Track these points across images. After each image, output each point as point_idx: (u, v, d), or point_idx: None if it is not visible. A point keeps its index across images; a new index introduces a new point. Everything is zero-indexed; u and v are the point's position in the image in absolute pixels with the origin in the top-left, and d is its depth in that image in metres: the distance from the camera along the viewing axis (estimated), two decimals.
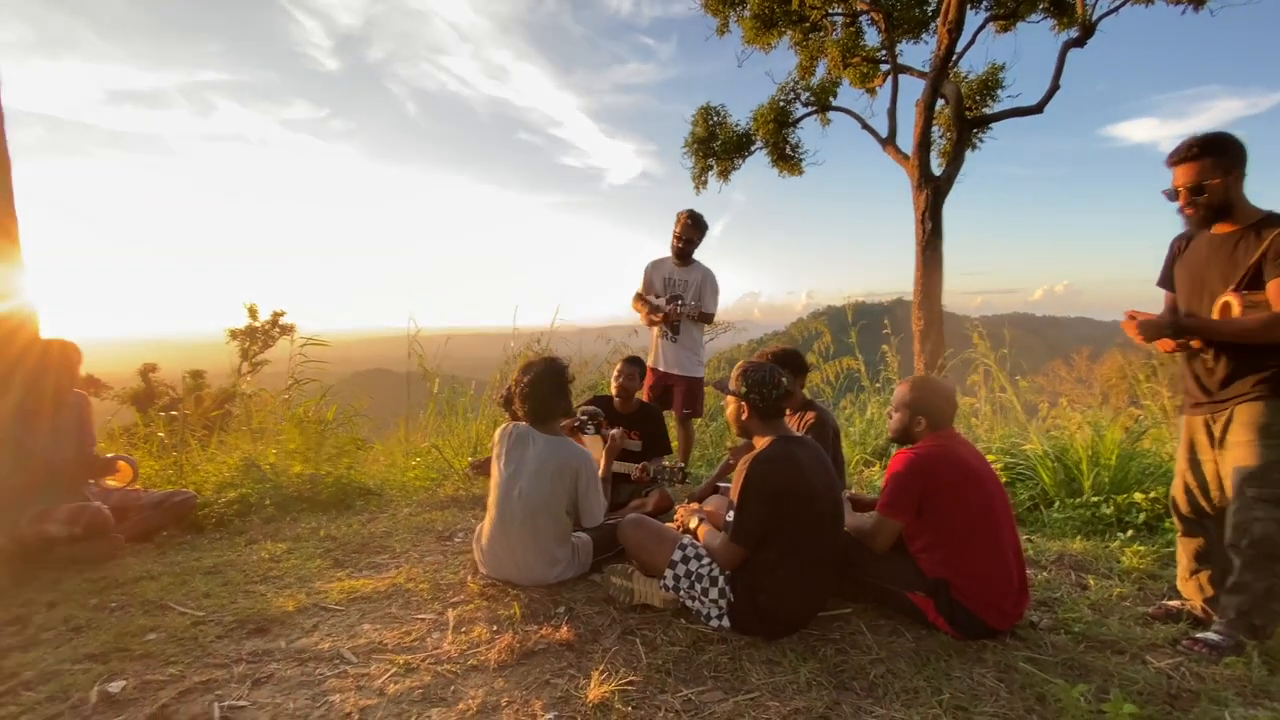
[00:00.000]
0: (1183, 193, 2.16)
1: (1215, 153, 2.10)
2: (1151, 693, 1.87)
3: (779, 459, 2.16)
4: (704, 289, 4.21)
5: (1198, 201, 2.14)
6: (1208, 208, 2.13)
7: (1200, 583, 2.33)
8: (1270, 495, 2.02)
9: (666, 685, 1.88)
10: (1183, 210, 2.20)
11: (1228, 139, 2.12)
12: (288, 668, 1.97)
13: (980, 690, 1.87)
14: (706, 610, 2.23)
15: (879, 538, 2.33)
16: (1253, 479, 2.05)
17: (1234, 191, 2.11)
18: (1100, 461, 4.02)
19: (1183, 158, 2.14)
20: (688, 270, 4.26)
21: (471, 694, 1.82)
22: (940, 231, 10.67)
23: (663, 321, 4.21)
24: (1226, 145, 2.11)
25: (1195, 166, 2.13)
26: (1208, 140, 2.12)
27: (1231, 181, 2.10)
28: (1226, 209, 2.13)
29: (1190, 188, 2.14)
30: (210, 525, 3.52)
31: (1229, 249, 2.13)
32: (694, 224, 4.19)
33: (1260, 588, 2.06)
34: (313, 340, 5.40)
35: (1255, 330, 2.03)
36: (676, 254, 4.26)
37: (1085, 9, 10.19)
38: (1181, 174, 2.16)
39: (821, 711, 1.75)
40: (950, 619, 2.18)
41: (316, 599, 2.47)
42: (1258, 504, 2.04)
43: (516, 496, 2.55)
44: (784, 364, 2.64)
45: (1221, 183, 2.10)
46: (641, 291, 4.38)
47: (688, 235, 4.19)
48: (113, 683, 1.88)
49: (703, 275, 4.24)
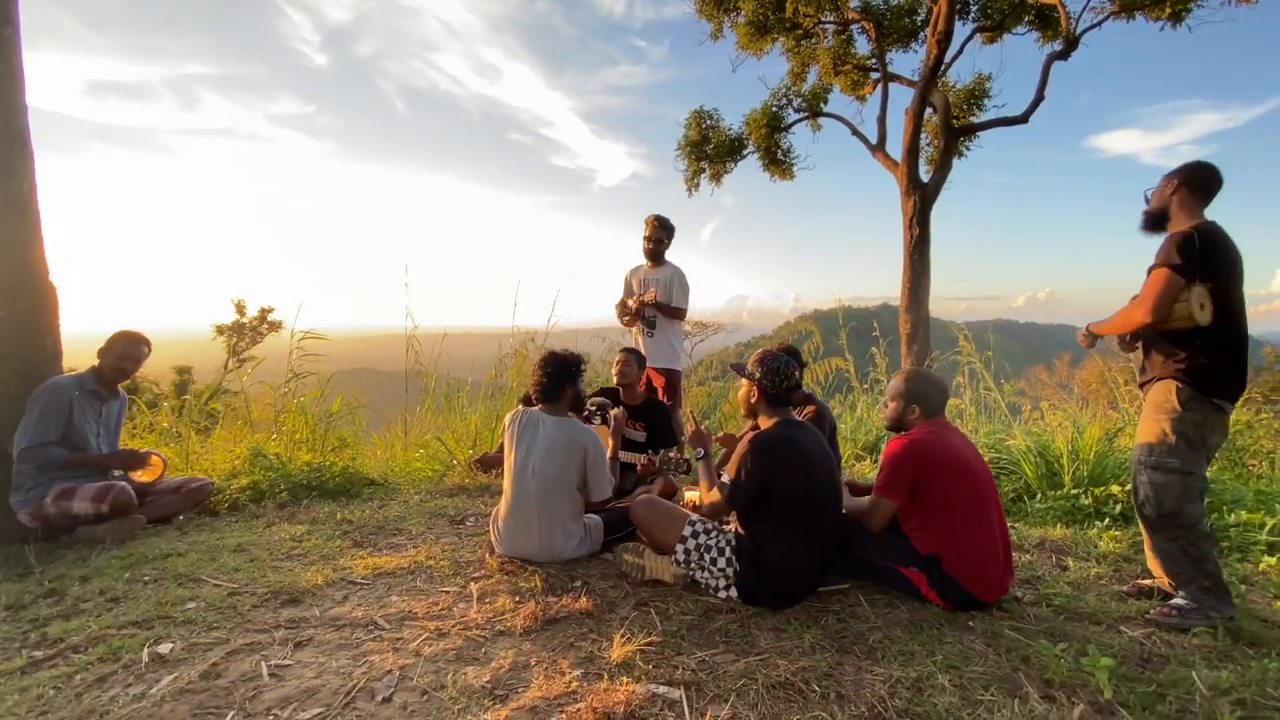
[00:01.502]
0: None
1: (1179, 171, 2.42)
2: (1125, 655, 2.05)
3: (781, 438, 2.35)
4: (673, 285, 4.49)
5: (1145, 205, 2.51)
6: (1147, 215, 2.49)
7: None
8: (1153, 461, 2.33)
9: (682, 648, 2.03)
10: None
11: (1198, 166, 2.42)
12: (325, 633, 2.10)
13: (970, 653, 2.03)
14: (715, 581, 2.39)
15: (875, 517, 2.50)
16: (1142, 447, 2.37)
17: (1172, 205, 2.41)
18: (1080, 457, 4.24)
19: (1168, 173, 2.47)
20: (659, 270, 4.56)
21: (502, 655, 1.95)
22: (928, 237, 10.94)
23: (635, 316, 4.50)
24: (1191, 167, 2.41)
25: (1163, 179, 2.46)
26: (1187, 163, 2.44)
27: (1171, 195, 2.41)
28: (1162, 218, 2.44)
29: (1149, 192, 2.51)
30: (225, 510, 3.61)
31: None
32: (661, 226, 4.50)
33: (1173, 549, 2.32)
34: (311, 334, 5.49)
35: (1117, 322, 2.44)
36: (648, 256, 4.57)
37: (1069, 23, 10.51)
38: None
39: (826, 670, 1.91)
40: (941, 592, 2.35)
41: (343, 574, 2.59)
42: (1143, 469, 2.36)
43: (530, 475, 2.69)
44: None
45: (1160, 193, 2.44)
46: (623, 297, 4.67)
47: (656, 236, 4.49)
48: (161, 645, 2.00)
49: (672, 273, 4.53)
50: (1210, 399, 2.29)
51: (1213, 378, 2.29)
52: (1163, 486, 2.30)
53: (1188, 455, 2.30)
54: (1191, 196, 2.39)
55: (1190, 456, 2.30)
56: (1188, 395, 2.29)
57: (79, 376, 3.14)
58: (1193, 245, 2.25)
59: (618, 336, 7.85)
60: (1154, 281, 2.28)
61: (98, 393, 3.17)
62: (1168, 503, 2.30)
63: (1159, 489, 2.31)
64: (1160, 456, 2.31)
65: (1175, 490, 2.29)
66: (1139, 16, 10.35)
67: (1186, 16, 10.03)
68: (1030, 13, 11.25)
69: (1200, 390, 2.29)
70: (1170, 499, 2.29)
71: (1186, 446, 2.30)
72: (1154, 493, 2.32)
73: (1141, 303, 2.29)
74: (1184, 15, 10.00)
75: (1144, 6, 10.09)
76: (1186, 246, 2.25)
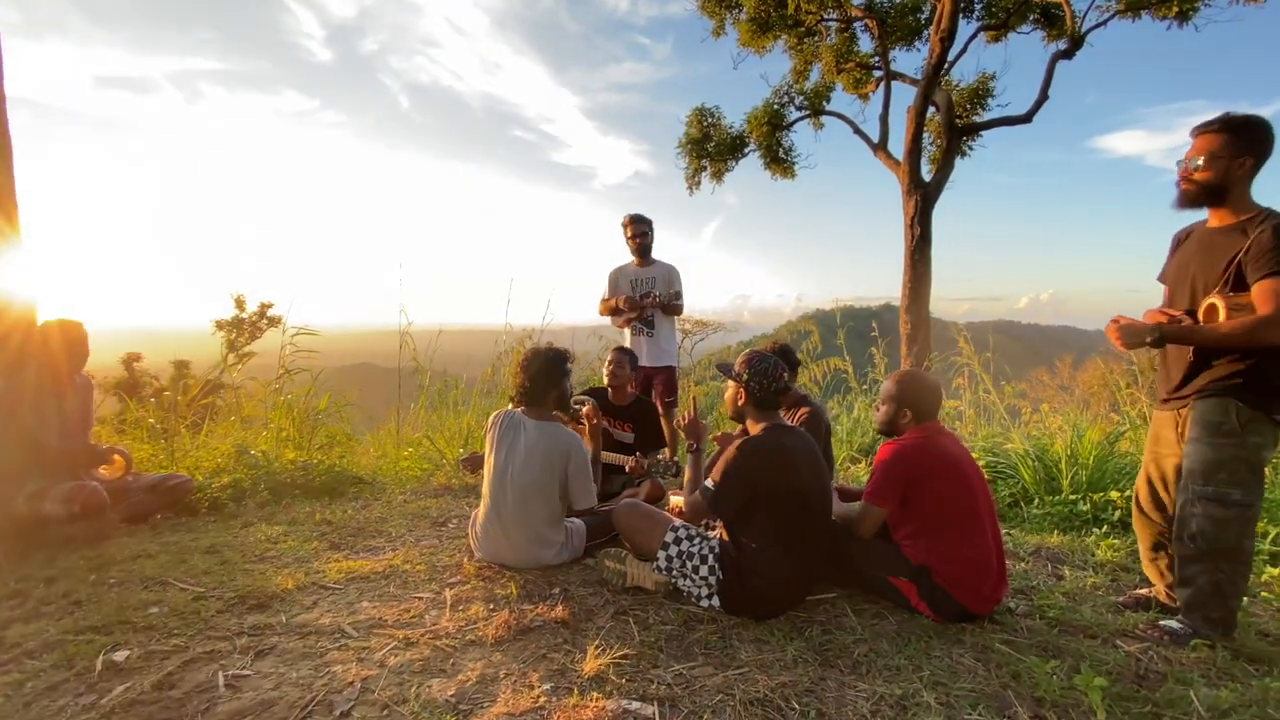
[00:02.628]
0: (1185, 164, 2.11)
1: (1234, 131, 2.02)
2: (1120, 672, 1.96)
3: (768, 445, 2.26)
4: (672, 281, 4.44)
5: (1194, 176, 2.08)
6: (1200, 186, 2.08)
7: (1160, 568, 2.41)
8: (1211, 493, 2.06)
9: (659, 660, 1.95)
10: (1178, 181, 2.14)
11: (1258, 124, 2.02)
12: (289, 640, 2.02)
13: (959, 668, 1.95)
14: (697, 590, 2.31)
15: (864, 524, 2.42)
16: (1196, 475, 2.09)
17: (1233, 177, 2.03)
18: (1079, 461, 4.15)
19: (1204, 129, 2.07)
20: (652, 268, 4.49)
21: (470, 666, 1.88)
22: (929, 237, 10.84)
23: (638, 317, 4.41)
24: (1250, 129, 2.01)
25: (1210, 139, 2.05)
26: (1236, 119, 2.03)
27: (1235, 167, 2.02)
28: (1219, 194, 2.07)
29: (1193, 161, 2.08)
30: (204, 508, 3.54)
31: (1215, 244, 2.09)
32: (641, 221, 4.45)
33: (1204, 582, 2.11)
34: (304, 330, 5.42)
35: (1238, 337, 1.99)
36: (637, 253, 4.49)
37: (1074, 21, 10.39)
38: (1196, 144, 2.10)
39: (807, 686, 1.83)
40: (931, 603, 2.26)
41: (315, 578, 2.52)
42: (1198, 500, 2.08)
43: (509, 480, 2.61)
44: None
45: (1225, 164, 2.02)
46: (607, 296, 4.57)
47: (640, 230, 4.43)
48: (117, 653, 1.92)
49: (668, 270, 4.47)
50: (1271, 416, 2.02)
51: (1273, 392, 2.01)
52: (1223, 522, 2.05)
53: (1252, 485, 2.04)
54: (1257, 169, 2.02)
55: (1254, 486, 2.05)
56: (1248, 415, 2.02)
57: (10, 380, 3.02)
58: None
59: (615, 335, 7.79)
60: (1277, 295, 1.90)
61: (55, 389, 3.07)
62: (1227, 539, 2.06)
63: (1219, 524, 2.05)
64: (1221, 487, 2.04)
65: (1236, 525, 2.05)
66: (1145, 16, 10.25)
67: (1194, 15, 9.92)
68: (1035, 11, 11.14)
69: (1262, 409, 2.01)
70: (1231, 535, 2.06)
71: (1250, 475, 2.04)
72: (1213, 528, 2.06)
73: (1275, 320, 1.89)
74: (1191, 14, 9.88)
75: (1150, 5, 9.98)
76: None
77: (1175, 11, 9.82)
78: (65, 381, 3.17)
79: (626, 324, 4.54)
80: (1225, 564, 2.09)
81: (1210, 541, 2.08)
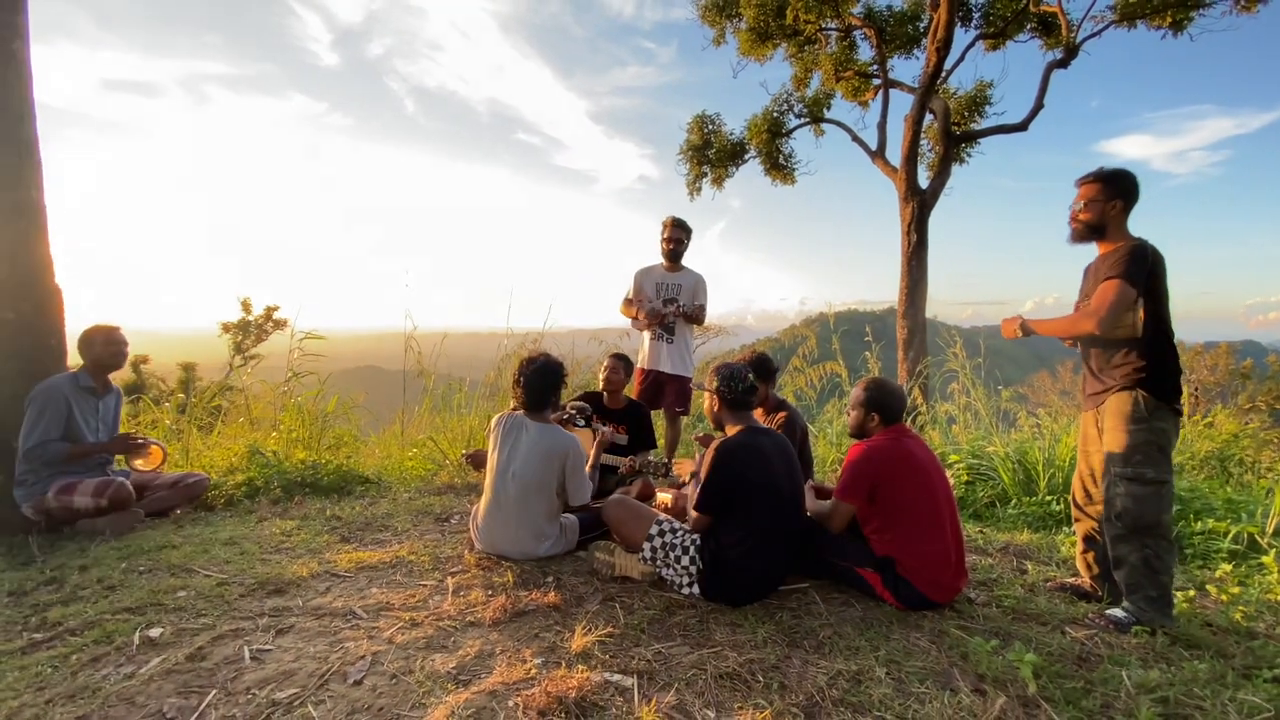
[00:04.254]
0: (1072, 208, 2.55)
1: (1105, 181, 2.48)
2: (1062, 654, 2.15)
3: (742, 444, 2.46)
4: (698, 291, 4.45)
5: (1079, 217, 2.52)
6: (1084, 225, 2.51)
7: (1088, 561, 2.68)
8: (1131, 474, 2.37)
9: (640, 640, 2.14)
10: (1069, 223, 2.57)
11: (1124, 175, 2.48)
12: (306, 621, 2.23)
13: (914, 649, 2.14)
14: (679, 579, 2.50)
15: (835, 519, 2.61)
16: (1115, 459, 2.42)
17: (1108, 216, 2.47)
18: (1055, 464, 4.33)
19: (1084, 180, 2.53)
20: (680, 274, 4.49)
21: (469, 644, 2.08)
22: (925, 243, 11.01)
23: (660, 323, 4.41)
24: (1118, 178, 2.47)
25: (1088, 189, 2.51)
26: (1106, 172, 2.50)
27: (1109, 209, 2.46)
28: (1099, 230, 2.49)
29: (1077, 205, 2.53)
30: (220, 505, 3.76)
31: (1098, 268, 2.50)
32: (680, 227, 4.47)
33: (1136, 559, 2.37)
34: (311, 334, 5.63)
35: (1066, 325, 2.51)
36: (668, 257, 4.48)
37: (1070, 31, 10.56)
38: (1080, 192, 2.54)
39: (773, 662, 2.02)
40: (895, 592, 2.46)
41: (327, 567, 2.72)
42: (1120, 481, 2.39)
43: (511, 477, 2.81)
44: (756, 367, 2.96)
45: (1101, 206, 2.47)
46: (631, 297, 4.55)
47: (676, 236, 4.44)
48: (151, 630, 2.13)
49: (695, 279, 4.48)
50: (1170, 405, 2.38)
51: (1168, 385, 2.39)
52: (1142, 498, 2.34)
53: (1162, 464, 2.36)
54: (1127, 210, 2.49)
55: (1164, 464, 2.36)
56: (1152, 404, 2.37)
57: (73, 375, 3.26)
58: (1145, 258, 2.35)
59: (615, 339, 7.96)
60: (1108, 292, 2.35)
61: (92, 389, 3.29)
62: (1148, 514, 2.34)
63: (1139, 501, 2.34)
64: (1136, 468, 2.35)
65: (1153, 501, 2.34)
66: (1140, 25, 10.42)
67: (1188, 25, 10.08)
68: (1033, 20, 11.32)
69: (1161, 398, 2.37)
70: (1150, 510, 2.34)
71: (1160, 455, 2.36)
72: (1134, 505, 2.35)
73: (1095, 312, 2.37)
74: (1185, 24, 10.05)
75: (1145, 15, 10.14)
76: (1140, 259, 2.35)
77: (1169, 21, 9.99)
78: (110, 382, 3.40)
79: (645, 327, 4.50)
80: (1150, 539, 2.35)
81: (1134, 517, 2.36)
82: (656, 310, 4.37)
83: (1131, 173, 2.48)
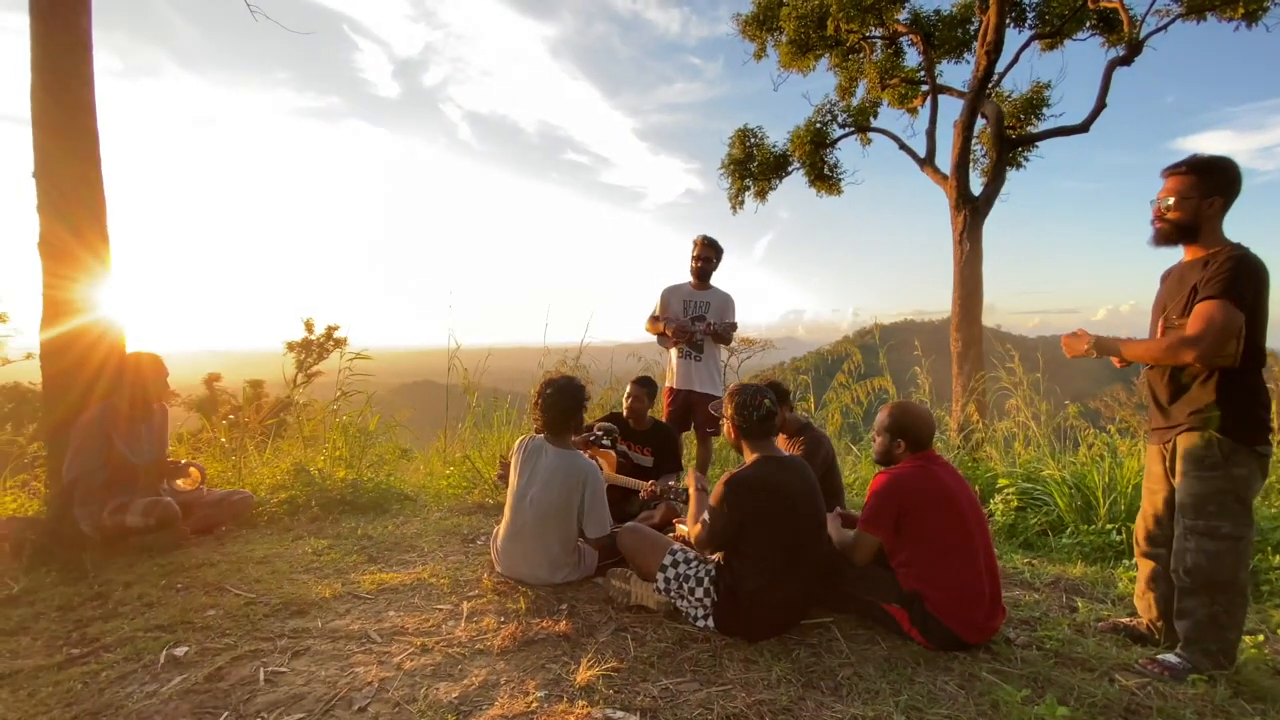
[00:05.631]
0: (1157, 204, 2.21)
1: (1201, 173, 2.12)
2: (1108, 706, 1.97)
3: (753, 479, 2.37)
4: (725, 309, 4.38)
5: (1166, 216, 2.18)
6: (1174, 225, 2.17)
7: (1149, 601, 2.42)
8: (1202, 527, 2.10)
9: (649, 675, 2.08)
10: (1152, 222, 2.23)
11: (1224, 165, 2.12)
12: (322, 643, 2.27)
13: (940, 695, 2.01)
14: (694, 610, 2.43)
15: (859, 551, 2.49)
16: (1187, 509, 2.14)
17: (1204, 216, 2.12)
18: (1117, 489, 4.03)
19: (1173, 170, 2.18)
20: (707, 292, 4.44)
21: (475, 672, 2.07)
22: (979, 252, 10.57)
23: (688, 341, 4.34)
24: (1217, 170, 2.11)
25: (1179, 181, 2.15)
26: (1202, 161, 2.14)
27: (1205, 206, 2.12)
28: (1191, 232, 2.15)
29: (1165, 201, 2.18)
30: (263, 522, 3.91)
31: (1185, 277, 2.18)
32: (710, 246, 4.40)
33: (1203, 615, 2.13)
34: (359, 355, 5.84)
35: (1158, 353, 2.14)
36: (696, 275, 4.43)
37: (1132, 27, 10.03)
38: (1167, 185, 2.19)
39: (785, 704, 1.93)
40: (924, 630, 2.31)
41: (350, 588, 2.78)
42: (1190, 535, 2.13)
43: (529, 503, 2.81)
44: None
45: (1195, 204, 2.12)
46: (658, 314, 4.50)
47: (705, 255, 4.38)
48: (178, 648, 2.21)
49: (724, 297, 4.41)
50: (1253, 448, 2.08)
51: (1252, 423, 2.07)
52: (1215, 555, 2.08)
53: (1241, 516, 2.08)
54: (1226, 208, 2.12)
55: (1243, 517, 2.08)
56: (1229, 447, 2.07)
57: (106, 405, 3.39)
58: (1253, 273, 2.02)
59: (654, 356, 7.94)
60: (1213, 315, 1.99)
61: (129, 415, 3.46)
62: (1223, 572, 2.09)
63: (1212, 558, 2.08)
64: (1210, 520, 2.08)
65: (1229, 558, 2.08)
66: (1210, 18, 9.80)
67: (1263, 15, 9.43)
68: (1092, 17, 10.81)
69: (1241, 440, 2.07)
70: (1226, 568, 2.08)
71: (1238, 506, 2.08)
72: (1207, 561, 2.09)
73: (1198, 340, 2.01)
74: (1260, 14, 9.40)
75: (1215, 7, 9.54)
76: (1247, 275, 2.00)
77: (1241, 13, 9.36)
78: (152, 405, 3.59)
79: (672, 344, 4.45)
80: (1222, 596, 2.11)
81: (1205, 575, 2.11)
82: (685, 327, 4.31)
83: (1233, 162, 2.10)
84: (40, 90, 3.40)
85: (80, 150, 3.49)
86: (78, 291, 3.45)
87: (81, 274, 3.45)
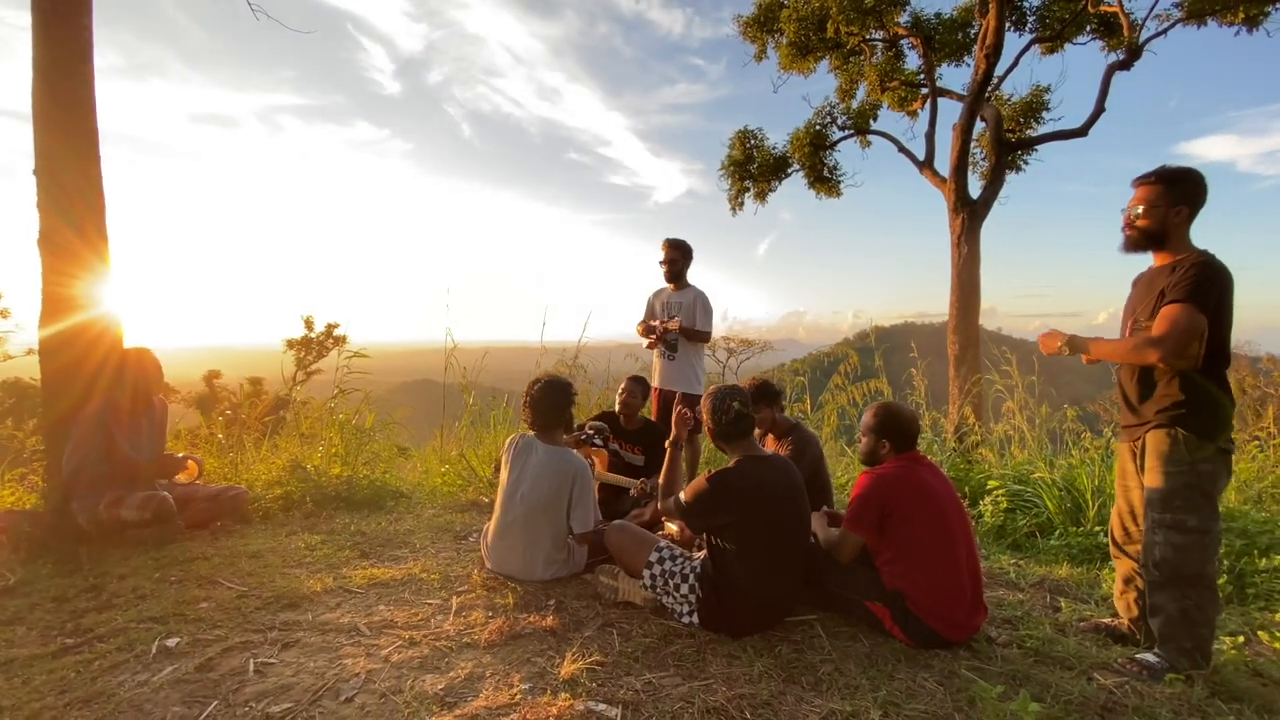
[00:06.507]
0: (1127, 212, 2.30)
1: (1169, 183, 2.22)
2: (1085, 704, 2.00)
3: (735, 477, 2.42)
4: (695, 309, 4.49)
5: (1135, 223, 2.27)
6: (1142, 232, 2.26)
7: (1128, 602, 2.47)
8: (1170, 520, 2.16)
9: (632, 669, 2.12)
10: (1123, 229, 2.32)
11: (1189, 176, 2.21)
12: (312, 636, 2.30)
13: (918, 691, 2.04)
14: (679, 607, 2.47)
15: (843, 550, 2.52)
16: (1154, 504, 2.21)
17: (1170, 224, 2.22)
18: (1107, 490, 4.06)
19: (1141, 181, 2.27)
20: (682, 293, 4.57)
21: (461, 665, 2.10)
22: (977, 255, 10.59)
23: (657, 340, 4.51)
24: (1183, 180, 2.21)
25: (1147, 190, 2.24)
26: (1169, 172, 2.23)
27: (1171, 215, 2.21)
28: (1159, 239, 2.24)
29: (1134, 209, 2.27)
30: (258, 517, 3.94)
31: (1153, 281, 2.26)
32: (675, 247, 4.51)
33: (1174, 610, 2.17)
34: (357, 353, 5.87)
35: (1125, 352, 2.23)
36: (667, 279, 4.59)
37: (1132, 31, 10.06)
38: (1136, 194, 2.28)
39: (765, 699, 1.96)
40: (905, 628, 2.35)
41: (342, 582, 2.81)
42: (1158, 528, 2.19)
43: (519, 499, 2.84)
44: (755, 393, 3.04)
45: (1162, 212, 2.21)
46: (645, 317, 4.69)
47: (671, 256, 4.50)
48: (170, 639, 2.25)
49: (694, 296, 4.53)
50: (1216, 443, 2.15)
51: (1214, 421, 2.15)
52: (1183, 548, 2.15)
53: (1205, 509, 2.15)
54: (1192, 217, 2.21)
55: (1207, 510, 2.15)
56: (1194, 444, 2.14)
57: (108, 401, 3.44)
58: (1216, 278, 2.09)
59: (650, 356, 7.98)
60: (1177, 318, 2.08)
61: (131, 410, 3.50)
62: (1189, 565, 2.15)
63: (1180, 551, 2.15)
64: (1176, 514, 2.15)
65: (1195, 551, 2.14)
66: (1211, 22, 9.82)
67: (1264, 20, 9.44)
68: (1092, 21, 10.84)
69: (1206, 436, 2.14)
70: (1192, 561, 2.15)
71: (1204, 501, 2.15)
72: (1174, 554, 2.15)
73: (1160, 341, 2.10)
74: (1261, 19, 9.42)
75: (1214, 12, 9.56)
76: (1210, 279, 2.09)
77: (1242, 17, 9.38)
78: (140, 401, 3.62)
79: (652, 346, 4.64)
80: (1191, 590, 2.16)
81: (1173, 568, 2.17)
82: (653, 327, 4.48)
83: (1199, 173, 2.21)
84: (41, 88, 3.44)
85: (81, 148, 3.53)
86: (78, 288, 3.48)
87: (81, 271, 3.49)
